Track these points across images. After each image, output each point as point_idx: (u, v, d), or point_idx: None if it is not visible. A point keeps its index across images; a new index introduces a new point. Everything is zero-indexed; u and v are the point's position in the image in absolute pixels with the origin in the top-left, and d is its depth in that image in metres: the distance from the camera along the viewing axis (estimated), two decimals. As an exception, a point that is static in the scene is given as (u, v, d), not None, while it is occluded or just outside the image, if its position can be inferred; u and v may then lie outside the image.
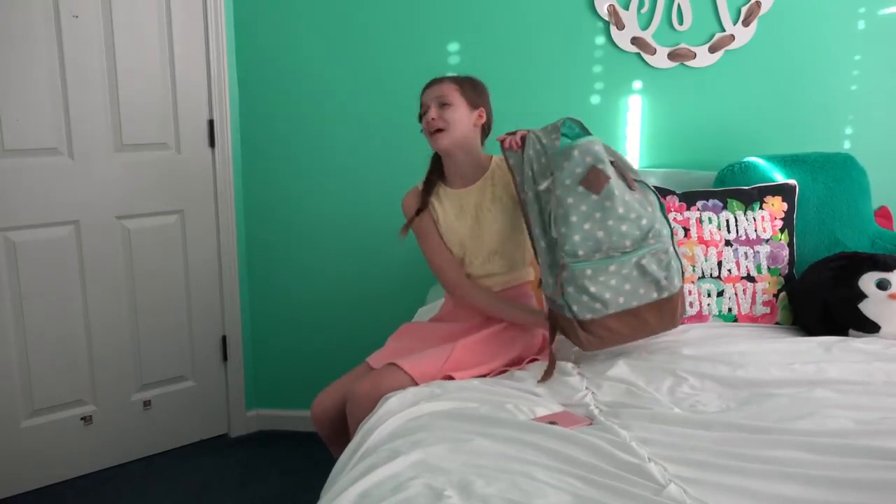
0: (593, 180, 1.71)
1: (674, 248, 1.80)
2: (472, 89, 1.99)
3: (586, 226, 1.72)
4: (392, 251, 2.78)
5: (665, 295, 1.78)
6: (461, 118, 1.95)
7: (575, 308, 1.74)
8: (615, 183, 1.73)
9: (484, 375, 1.84)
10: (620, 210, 1.72)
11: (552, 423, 1.50)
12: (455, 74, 2.00)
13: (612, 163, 1.76)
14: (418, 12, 2.63)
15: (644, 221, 1.75)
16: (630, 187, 1.76)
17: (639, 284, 1.76)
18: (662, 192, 2.21)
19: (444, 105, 1.94)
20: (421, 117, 1.99)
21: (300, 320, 2.92)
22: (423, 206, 2.03)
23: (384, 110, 2.71)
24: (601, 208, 1.72)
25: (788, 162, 2.31)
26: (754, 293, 2.13)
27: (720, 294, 2.13)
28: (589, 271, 1.73)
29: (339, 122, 2.75)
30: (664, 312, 1.79)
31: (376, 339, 2.14)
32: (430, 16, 2.63)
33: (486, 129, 2.03)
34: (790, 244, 2.18)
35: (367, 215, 2.79)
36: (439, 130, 1.93)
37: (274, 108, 2.77)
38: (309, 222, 2.84)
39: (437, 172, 2.05)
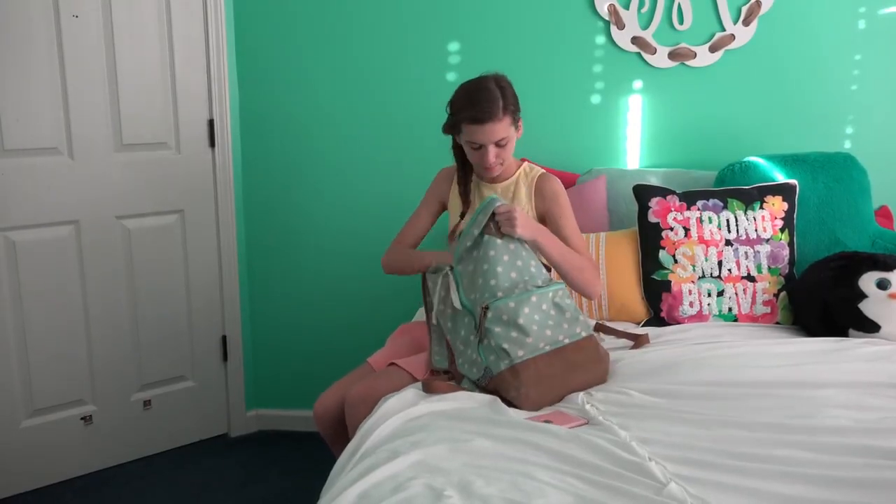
0: (495, 227, 1.78)
1: None
2: (516, 107, 1.90)
3: (499, 268, 1.75)
4: (392, 251, 2.78)
5: (587, 332, 1.76)
6: (513, 145, 1.94)
7: (506, 346, 1.65)
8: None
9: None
10: (524, 253, 1.79)
11: (547, 421, 1.50)
12: (499, 95, 1.85)
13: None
14: (418, 12, 2.63)
15: (546, 271, 1.82)
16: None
17: (560, 320, 1.74)
18: (663, 192, 2.21)
19: (501, 145, 1.89)
20: (451, 132, 1.94)
21: (300, 320, 2.92)
22: (466, 209, 2.03)
23: (385, 110, 2.71)
24: (507, 251, 1.77)
25: (789, 161, 2.31)
26: (754, 293, 2.13)
27: (720, 294, 2.13)
28: (512, 304, 1.70)
29: (339, 121, 2.75)
30: (589, 355, 1.73)
31: (376, 338, 2.14)
32: (430, 16, 2.63)
33: None
34: (790, 244, 2.18)
35: (366, 214, 2.79)
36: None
37: (274, 107, 2.77)
38: (309, 222, 2.84)
39: (465, 162, 2.02)
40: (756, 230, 2.15)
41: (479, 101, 1.85)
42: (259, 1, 2.70)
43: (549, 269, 1.90)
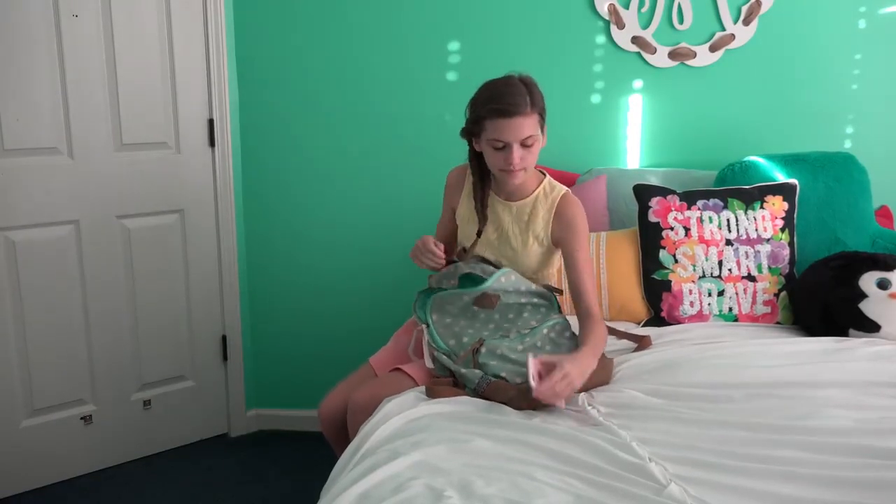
0: (485, 302, 1.81)
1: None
2: (543, 110, 1.77)
3: (490, 325, 1.80)
4: (393, 251, 2.77)
5: None
6: (538, 151, 1.80)
7: (504, 374, 1.65)
8: (505, 296, 1.82)
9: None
10: (512, 300, 1.82)
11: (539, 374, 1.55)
12: (527, 91, 1.74)
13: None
14: (418, 12, 2.63)
15: (543, 309, 1.84)
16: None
17: (555, 350, 1.75)
18: (663, 192, 2.21)
19: (527, 145, 1.74)
20: (471, 134, 1.82)
21: (300, 320, 2.92)
22: (483, 224, 1.90)
23: (385, 109, 2.71)
24: (504, 319, 1.81)
25: (789, 161, 2.31)
26: (755, 293, 2.13)
27: (721, 293, 2.13)
28: (506, 343, 1.72)
29: (339, 121, 2.74)
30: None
31: (376, 338, 2.14)
32: (430, 15, 2.62)
33: None
34: (791, 243, 2.17)
35: (367, 214, 2.79)
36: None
37: (274, 107, 2.77)
38: (309, 222, 2.84)
39: (483, 172, 1.89)
40: (756, 230, 2.15)
41: (506, 95, 1.72)
42: (259, 1, 2.70)
43: (548, 299, 1.89)
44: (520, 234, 1.89)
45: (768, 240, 2.15)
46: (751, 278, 2.13)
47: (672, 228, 2.16)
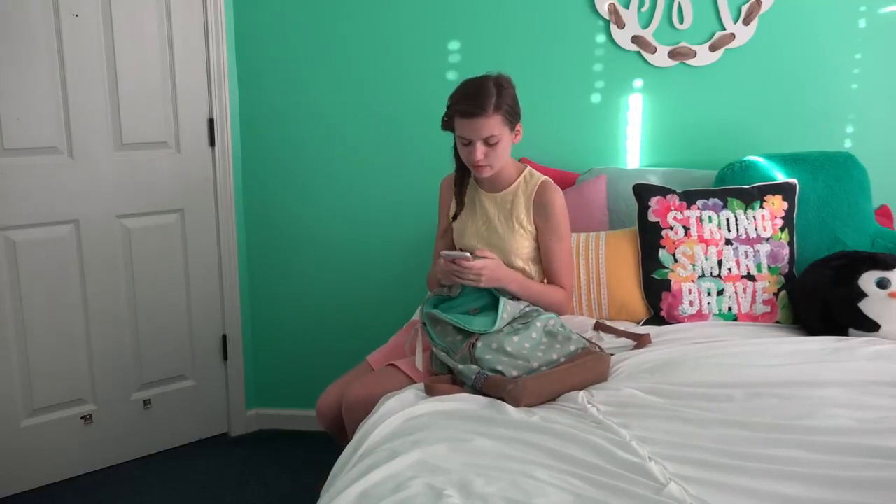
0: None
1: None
2: (512, 109, 1.88)
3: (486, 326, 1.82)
4: (393, 249, 2.78)
5: (581, 345, 1.79)
6: (505, 148, 1.91)
7: (500, 368, 1.67)
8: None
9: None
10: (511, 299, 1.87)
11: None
12: (494, 92, 1.84)
13: None
14: (418, 12, 2.63)
15: (538, 311, 1.86)
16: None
17: (552, 343, 1.77)
18: (663, 191, 2.21)
19: (490, 143, 1.87)
20: (447, 127, 1.94)
21: (300, 319, 2.92)
22: (459, 209, 2.05)
23: (385, 109, 2.71)
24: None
25: (789, 161, 2.31)
26: (754, 292, 2.13)
27: (720, 293, 2.13)
28: (501, 336, 1.74)
29: (338, 120, 2.75)
30: (587, 363, 1.72)
31: (376, 337, 2.14)
32: (429, 15, 2.62)
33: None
34: (790, 243, 2.17)
35: (367, 213, 2.79)
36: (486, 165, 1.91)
37: (274, 106, 2.77)
38: (309, 221, 2.84)
39: (466, 169, 2.02)
40: (756, 229, 2.15)
41: (471, 96, 1.85)
42: (259, 1, 2.70)
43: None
44: (505, 221, 1.99)
45: (768, 239, 2.15)
46: (750, 278, 2.13)
47: (672, 228, 2.16)
